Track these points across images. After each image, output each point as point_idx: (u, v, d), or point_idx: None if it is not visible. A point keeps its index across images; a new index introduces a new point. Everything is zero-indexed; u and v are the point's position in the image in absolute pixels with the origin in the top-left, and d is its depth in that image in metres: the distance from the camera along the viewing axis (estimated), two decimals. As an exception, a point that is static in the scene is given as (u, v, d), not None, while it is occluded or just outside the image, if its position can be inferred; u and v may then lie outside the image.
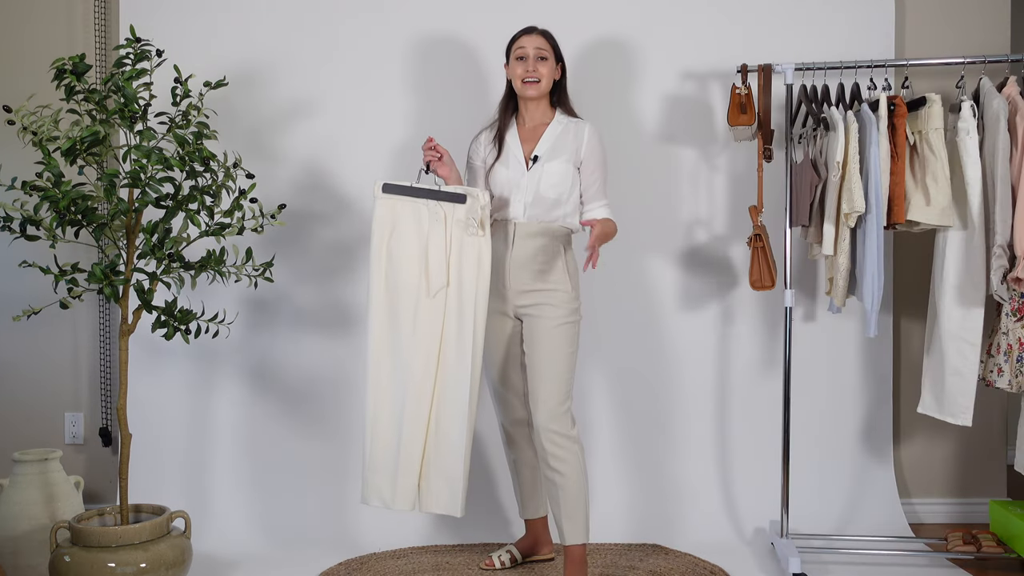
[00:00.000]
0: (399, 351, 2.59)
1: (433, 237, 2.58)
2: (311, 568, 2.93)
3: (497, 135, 2.77)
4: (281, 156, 3.34)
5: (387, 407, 2.60)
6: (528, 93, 2.71)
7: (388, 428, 2.60)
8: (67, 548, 2.47)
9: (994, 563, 2.98)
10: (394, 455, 2.59)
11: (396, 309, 2.59)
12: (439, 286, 2.57)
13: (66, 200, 2.41)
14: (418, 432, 2.58)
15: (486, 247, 2.59)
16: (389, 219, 2.59)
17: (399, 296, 2.59)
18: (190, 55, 3.18)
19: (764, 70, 2.99)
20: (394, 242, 2.59)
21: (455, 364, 2.58)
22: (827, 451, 3.36)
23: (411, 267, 2.59)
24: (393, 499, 2.59)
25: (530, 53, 2.69)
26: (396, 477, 2.59)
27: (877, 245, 2.76)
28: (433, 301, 2.58)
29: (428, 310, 2.58)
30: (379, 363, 2.60)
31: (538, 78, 2.69)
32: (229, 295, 3.27)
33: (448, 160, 2.71)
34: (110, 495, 3.44)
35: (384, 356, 2.60)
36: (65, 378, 3.44)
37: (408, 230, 2.59)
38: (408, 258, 2.59)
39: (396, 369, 2.59)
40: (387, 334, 2.60)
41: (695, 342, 3.37)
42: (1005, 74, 2.90)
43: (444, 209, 2.59)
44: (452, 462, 2.58)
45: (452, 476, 2.58)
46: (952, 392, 2.87)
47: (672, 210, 3.36)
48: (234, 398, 3.34)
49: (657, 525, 3.24)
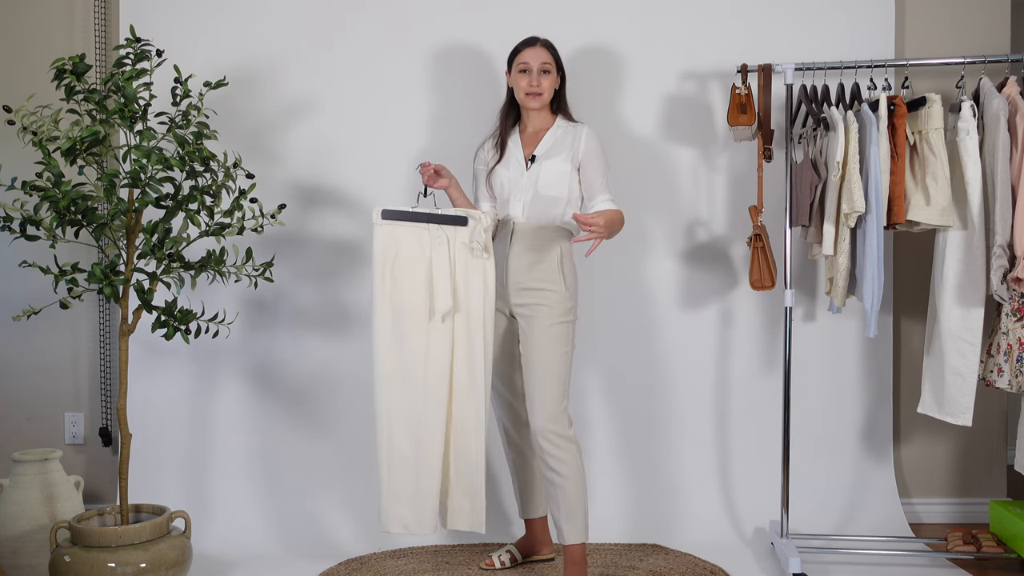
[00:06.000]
0: (409, 377, 2.59)
1: (436, 261, 2.58)
2: (311, 568, 2.93)
3: (499, 140, 2.80)
4: (281, 156, 3.34)
5: (402, 434, 2.60)
6: (531, 105, 2.73)
7: (404, 457, 2.60)
8: (67, 548, 2.47)
9: (994, 563, 2.98)
10: (414, 481, 2.60)
11: (402, 335, 2.58)
12: (445, 310, 2.57)
13: (66, 200, 2.41)
14: (436, 459, 2.60)
15: (491, 269, 2.60)
16: (391, 245, 2.58)
17: (404, 322, 2.58)
18: (190, 55, 3.18)
19: (764, 70, 2.99)
20: (397, 268, 2.58)
21: (467, 386, 2.60)
22: (827, 451, 3.36)
23: (416, 292, 2.58)
24: (418, 525, 2.61)
25: (534, 67, 2.71)
26: (418, 502, 2.60)
27: (877, 245, 2.76)
28: (441, 326, 2.58)
29: (437, 335, 2.58)
30: (389, 390, 2.59)
31: (541, 91, 2.71)
32: (229, 295, 3.27)
33: (446, 172, 2.73)
34: (110, 495, 3.44)
35: (394, 383, 2.59)
36: (65, 378, 3.44)
37: (410, 255, 2.58)
38: (412, 283, 2.58)
39: (408, 395, 2.59)
40: (395, 361, 2.59)
41: (695, 342, 3.37)
42: (1005, 74, 2.90)
43: (446, 232, 2.59)
44: (473, 479, 2.62)
45: (474, 493, 2.62)
46: (952, 392, 2.87)
47: (672, 210, 3.36)
48: (234, 398, 3.34)
49: (657, 525, 3.24)
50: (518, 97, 2.76)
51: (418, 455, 2.59)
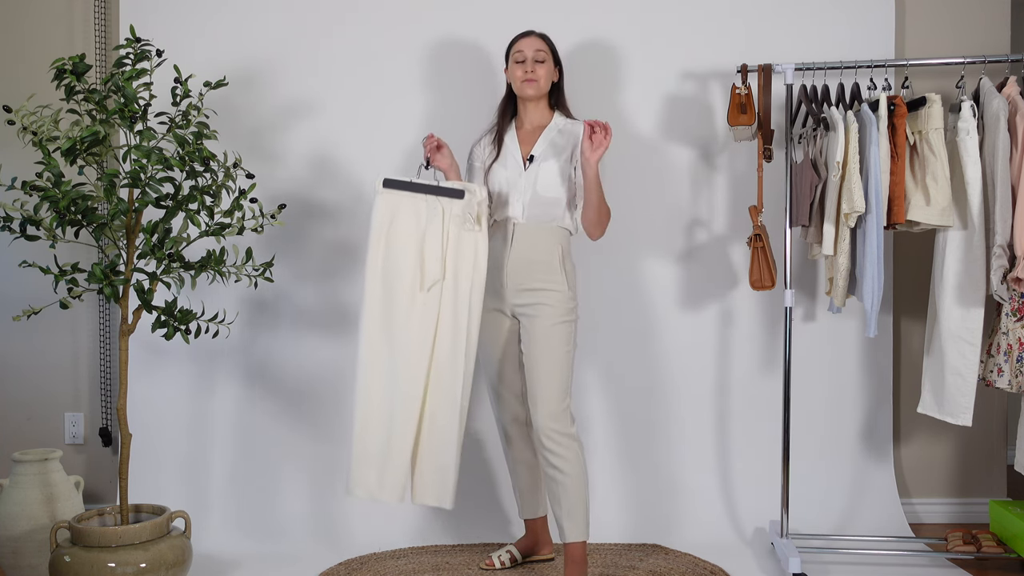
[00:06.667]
0: (392, 343, 2.59)
1: (430, 231, 2.59)
2: (311, 568, 2.93)
3: (496, 137, 2.79)
4: (281, 156, 3.34)
5: (378, 398, 2.59)
6: (526, 92, 2.73)
7: (379, 419, 2.59)
8: (67, 548, 2.47)
9: (994, 563, 2.98)
10: (384, 446, 2.58)
11: (391, 302, 2.59)
12: (433, 280, 2.57)
13: (66, 200, 2.41)
14: (411, 424, 2.57)
15: (482, 242, 2.60)
16: (388, 213, 2.60)
17: (394, 289, 2.59)
18: (190, 55, 3.18)
19: (764, 70, 2.99)
20: (391, 236, 2.60)
21: (449, 357, 2.58)
22: (827, 451, 3.36)
23: (407, 261, 2.59)
24: (380, 490, 2.57)
25: (528, 55, 2.72)
26: (385, 468, 2.58)
27: (877, 245, 2.76)
28: (428, 295, 2.58)
29: (423, 303, 2.58)
30: (372, 355, 2.59)
31: (536, 79, 2.71)
32: (229, 295, 3.27)
33: (447, 152, 2.74)
34: (110, 495, 3.44)
35: (377, 348, 2.59)
36: (65, 378, 3.44)
37: (406, 224, 2.60)
38: (404, 252, 2.59)
39: (389, 361, 2.59)
40: (381, 326, 2.59)
41: (695, 342, 3.37)
42: (1005, 74, 2.90)
43: (442, 204, 2.60)
44: (445, 454, 2.57)
45: (444, 467, 2.57)
46: (952, 392, 2.87)
47: (672, 210, 3.36)
48: (234, 398, 3.34)
49: (657, 525, 3.24)
50: (515, 88, 2.76)
51: (391, 421, 2.57)
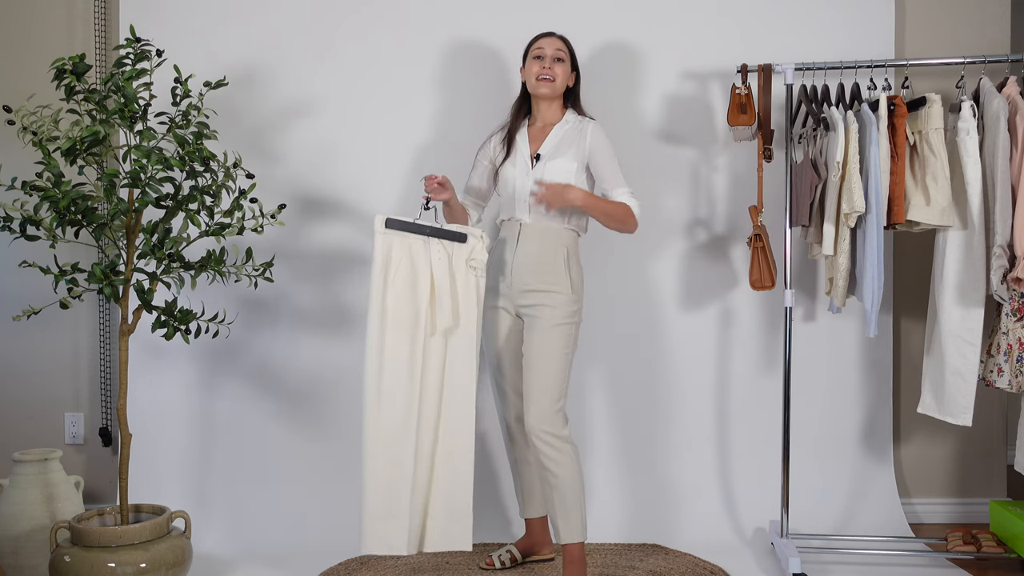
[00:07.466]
0: (400, 394, 2.55)
1: (439, 277, 2.56)
2: (311, 568, 2.93)
3: (507, 135, 2.79)
4: (281, 156, 3.34)
5: (389, 451, 2.55)
6: (541, 91, 2.72)
7: (391, 473, 2.55)
8: (67, 548, 2.47)
9: (994, 563, 2.98)
10: (399, 500, 2.55)
11: (396, 348, 2.55)
12: (445, 327, 2.56)
13: (66, 200, 2.41)
14: (425, 474, 2.57)
15: (481, 286, 2.60)
16: (390, 254, 2.57)
17: (399, 335, 2.55)
18: (190, 55, 3.19)
19: (764, 70, 2.99)
20: (394, 280, 2.56)
21: (461, 403, 2.58)
22: (827, 451, 3.36)
23: (410, 305, 2.56)
24: (404, 545, 2.55)
25: (548, 53, 2.72)
26: (403, 521, 2.55)
27: (877, 245, 2.76)
28: (433, 340, 2.56)
29: (431, 350, 2.56)
30: (376, 406, 2.55)
31: (553, 77, 2.71)
32: (229, 295, 3.27)
33: (449, 185, 2.69)
34: (110, 495, 3.44)
35: (384, 397, 2.55)
36: (65, 378, 3.44)
37: (409, 268, 2.57)
38: (408, 296, 2.56)
39: (398, 411, 2.55)
40: (385, 375, 2.55)
41: (695, 342, 3.37)
42: (1005, 74, 2.90)
43: (446, 247, 2.58)
44: (462, 499, 2.59)
45: (463, 513, 2.59)
46: (952, 392, 2.87)
47: (672, 210, 3.36)
48: (234, 398, 3.34)
49: (657, 525, 3.24)
50: (529, 86, 2.76)
51: (406, 474, 2.54)
